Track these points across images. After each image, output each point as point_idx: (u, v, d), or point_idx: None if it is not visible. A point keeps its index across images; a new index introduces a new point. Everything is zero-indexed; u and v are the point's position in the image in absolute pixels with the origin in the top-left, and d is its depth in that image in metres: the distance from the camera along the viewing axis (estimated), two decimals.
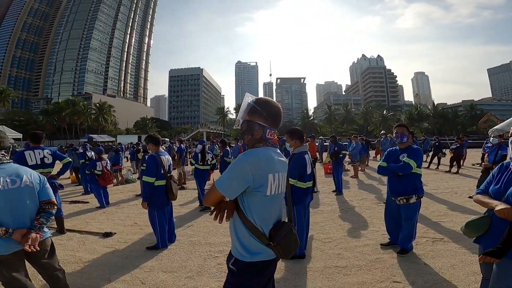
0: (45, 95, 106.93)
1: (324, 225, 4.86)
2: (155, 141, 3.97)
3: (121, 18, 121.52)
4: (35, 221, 2.08)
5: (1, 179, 1.98)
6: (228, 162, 8.21)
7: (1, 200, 1.96)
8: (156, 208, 3.80)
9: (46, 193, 2.20)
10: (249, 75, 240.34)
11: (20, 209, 2.04)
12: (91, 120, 61.57)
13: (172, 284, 2.91)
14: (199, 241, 4.13)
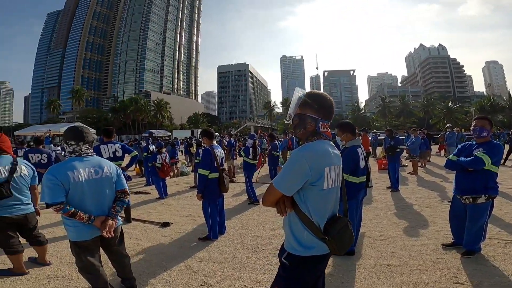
0: (113, 94, 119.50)
1: (377, 223, 4.62)
2: (209, 135, 4.14)
3: (171, 18, 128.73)
4: (112, 209, 2.31)
5: (86, 170, 2.22)
6: (276, 156, 8.23)
7: (87, 189, 2.20)
8: (209, 200, 3.96)
9: (121, 183, 2.43)
10: (295, 69, 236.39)
11: (101, 198, 2.28)
12: (151, 116, 67.23)
13: (220, 274, 3.02)
14: (247, 234, 4.23)
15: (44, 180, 2.10)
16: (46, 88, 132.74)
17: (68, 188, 2.12)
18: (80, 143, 2.26)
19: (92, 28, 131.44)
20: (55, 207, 2.05)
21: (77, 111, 71.91)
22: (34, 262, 3.18)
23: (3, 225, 2.79)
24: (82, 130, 2.32)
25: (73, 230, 2.19)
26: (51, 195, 2.06)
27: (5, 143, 2.94)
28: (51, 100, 74.87)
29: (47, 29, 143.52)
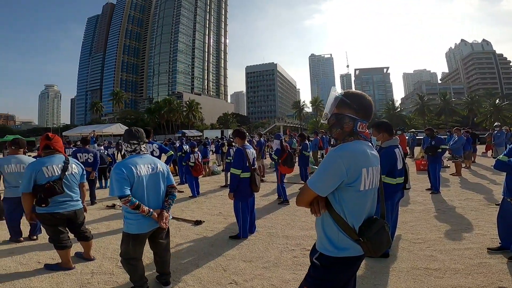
0: (148, 96, 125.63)
1: (415, 225, 4.42)
2: (241, 135, 4.21)
3: (199, 20, 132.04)
4: (165, 202, 2.53)
5: (145, 166, 2.44)
6: (307, 156, 8.13)
7: (147, 183, 2.40)
8: (240, 199, 4.02)
9: (170, 179, 2.65)
10: (324, 68, 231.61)
11: (157, 192, 2.49)
12: (183, 116, 69.74)
13: (250, 273, 3.05)
14: (276, 233, 4.23)
15: (113, 174, 2.31)
16: (89, 91, 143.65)
17: (133, 182, 2.33)
18: (140, 142, 2.50)
19: (128, 32, 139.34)
20: (124, 199, 2.25)
21: (117, 112, 76.80)
22: (80, 257, 3.38)
23: (55, 221, 2.98)
24: (141, 131, 2.56)
25: (134, 223, 2.37)
26: (119, 188, 2.26)
27: (58, 143, 3.15)
28: (94, 102, 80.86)
29: (88, 34, 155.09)
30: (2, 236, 4.15)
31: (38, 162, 2.99)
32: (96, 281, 2.83)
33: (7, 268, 3.08)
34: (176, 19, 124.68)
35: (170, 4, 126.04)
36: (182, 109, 70.64)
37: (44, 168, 2.93)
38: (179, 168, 9.70)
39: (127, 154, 2.57)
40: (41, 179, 2.89)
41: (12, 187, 3.83)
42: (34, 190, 2.86)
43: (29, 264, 3.20)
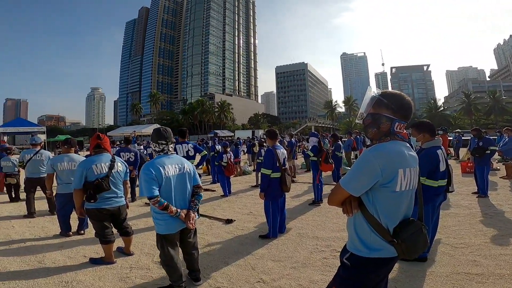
0: (182, 97, 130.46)
1: (457, 229, 4.17)
2: (272, 135, 4.24)
3: (228, 21, 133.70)
4: (191, 203, 2.57)
5: (173, 166, 2.49)
6: (340, 157, 7.93)
7: (174, 184, 2.44)
8: (270, 199, 4.04)
9: (196, 179, 2.68)
10: (357, 66, 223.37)
11: (184, 192, 2.54)
12: (215, 117, 71.51)
13: (278, 272, 3.04)
14: (306, 234, 4.20)
15: (142, 175, 2.39)
16: (130, 93, 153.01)
17: (161, 183, 2.39)
18: (168, 142, 2.56)
19: (162, 35, 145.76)
20: (153, 200, 2.32)
21: (154, 113, 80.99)
22: (121, 251, 3.52)
23: (101, 216, 3.15)
24: (169, 131, 2.61)
25: (162, 224, 2.44)
26: (148, 189, 2.31)
27: (106, 142, 3.36)
28: (133, 104, 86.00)
29: (127, 38, 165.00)
30: (53, 230, 4.49)
31: (88, 160, 3.20)
32: (134, 276, 2.97)
33: (56, 261, 3.31)
34: (206, 21, 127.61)
35: (200, 7, 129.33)
36: (214, 110, 72.41)
37: (94, 166, 3.13)
38: (211, 167, 9.91)
39: (155, 154, 2.62)
40: (91, 176, 3.10)
41: (64, 184, 4.15)
42: (84, 187, 3.06)
43: (76, 258, 3.42)
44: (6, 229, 4.51)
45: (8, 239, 4.01)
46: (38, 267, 3.14)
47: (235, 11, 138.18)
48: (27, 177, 5.30)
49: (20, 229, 4.51)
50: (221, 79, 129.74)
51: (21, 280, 2.80)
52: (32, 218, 5.11)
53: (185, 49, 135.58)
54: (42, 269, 3.08)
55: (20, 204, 6.26)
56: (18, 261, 3.25)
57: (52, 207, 5.32)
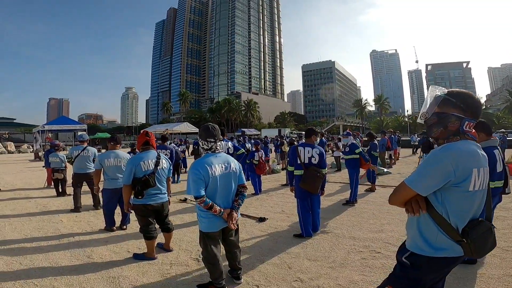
0: (210, 96, 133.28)
1: (508, 233, 4.00)
2: (310, 133, 4.22)
3: (253, 21, 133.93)
4: (235, 202, 2.53)
5: (219, 165, 2.46)
6: (376, 156, 7.65)
7: (219, 183, 2.43)
8: (300, 198, 4.04)
9: (242, 178, 2.64)
10: (389, 64, 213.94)
11: (228, 191, 2.51)
12: (242, 116, 72.17)
13: (315, 272, 3.01)
14: (342, 234, 4.14)
15: (190, 174, 2.40)
16: (160, 92, 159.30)
17: (207, 182, 2.39)
18: (217, 140, 2.54)
19: (190, 35, 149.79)
20: (199, 199, 2.33)
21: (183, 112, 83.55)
22: (161, 247, 3.57)
23: (146, 212, 3.22)
24: (217, 129, 2.57)
25: (206, 222, 2.45)
26: (196, 189, 2.31)
27: (153, 139, 3.43)
28: (164, 103, 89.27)
29: (157, 39, 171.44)
30: (98, 225, 4.67)
31: (137, 157, 3.28)
32: (174, 272, 3.05)
33: (103, 256, 3.44)
34: (231, 21, 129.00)
35: (225, 7, 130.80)
36: (240, 109, 73.09)
37: (142, 163, 3.21)
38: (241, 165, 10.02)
39: (202, 152, 2.56)
40: (139, 172, 3.18)
41: (110, 179, 4.34)
42: (132, 183, 3.16)
43: (120, 253, 3.53)
44: (56, 223, 4.83)
45: (58, 233, 4.29)
46: (87, 262, 3.30)
47: (259, 10, 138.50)
48: (74, 172, 5.64)
49: (68, 223, 4.82)
50: (247, 77, 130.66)
51: (72, 275, 2.94)
52: (78, 212, 5.43)
53: (211, 48, 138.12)
54: (91, 264, 3.23)
55: (66, 198, 6.71)
56: (68, 256, 3.44)
57: (96, 202, 5.66)
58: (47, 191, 7.65)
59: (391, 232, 4.17)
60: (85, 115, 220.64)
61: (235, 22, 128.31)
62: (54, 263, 3.27)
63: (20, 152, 27.99)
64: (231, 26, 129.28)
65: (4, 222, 4.89)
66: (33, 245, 3.80)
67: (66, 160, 6.26)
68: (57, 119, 23.49)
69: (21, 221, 4.95)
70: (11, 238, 4.07)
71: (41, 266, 3.18)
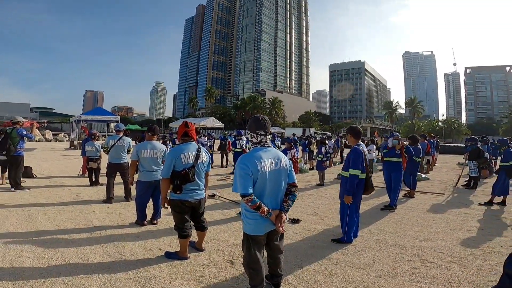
0: (235, 93, 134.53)
1: None
2: (355, 133, 3.85)
3: (280, 19, 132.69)
4: (284, 203, 2.25)
5: (269, 161, 2.19)
6: (418, 162, 7.06)
7: (268, 181, 2.17)
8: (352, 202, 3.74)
9: (293, 176, 2.35)
10: (423, 66, 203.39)
11: (277, 190, 2.23)
12: (266, 113, 71.87)
13: (361, 280, 2.81)
14: (386, 241, 3.89)
15: (237, 169, 2.15)
16: (187, 87, 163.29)
17: (256, 179, 2.12)
18: (267, 133, 2.28)
19: (217, 32, 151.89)
20: (246, 198, 2.08)
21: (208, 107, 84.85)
22: (193, 247, 3.38)
23: (183, 208, 3.02)
24: (268, 121, 2.32)
25: (252, 223, 2.20)
26: (244, 185, 2.07)
27: (193, 130, 3.16)
28: (191, 98, 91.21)
29: (186, 35, 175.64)
30: (129, 217, 4.60)
31: (177, 149, 3.05)
32: (208, 274, 2.88)
33: (134, 253, 3.30)
34: (258, 18, 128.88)
35: (252, 4, 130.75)
36: (265, 106, 72.87)
37: (182, 155, 2.99)
38: None
39: (250, 146, 2.36)
40: (179, 165, 2.97)
41: (146, 171, 4.18)
42: (171, 176, 2.97)
43: (152, 250, 3.39)
44: (88, 214, 4.83)
45: (90, 225, 4.25)
46: (118, 259, 3.18)
47: (286, 8, 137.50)
48: (109, 162, 5.63)
49: (100, 214, 4.81)
50: (272, 76, 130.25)
51: (104, 274, 2.83)
52: (110, 203, 5.44)
53: (238, 46, 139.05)
54: (122, 262, 3.10)
55: (98, 188, 6.82)
56: (100, 252, 3.33)
57: (128, 194, 5.65)
58: (81, 180, 7.86)
59: (442, 241, 3.90)
60: (117, 107, 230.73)
61: (262, 20, 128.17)
62: (86, 258, 3.18)
63: (57, 140, 29.67)
64: (258, 24, 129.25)
65: (38, 210, 4.95)
66: (65, 237, 3.76)
67: (102, 149, 6.30)
68: (93, 110, 24.57)
69: (55, 210, 5.00)
70: (44, 229, 4.05)
71: (72, 262, 3.09)
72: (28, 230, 3.99)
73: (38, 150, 17.36)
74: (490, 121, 76.52)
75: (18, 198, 5.71)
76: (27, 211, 4.85)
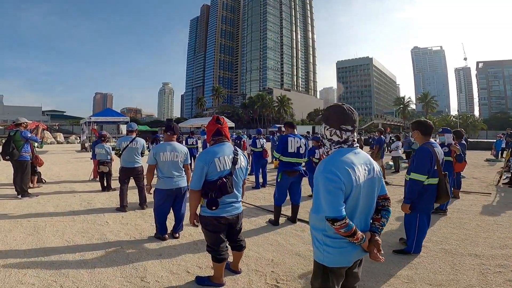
0: (242, 92, 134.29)
1: None
2: (425, 128, 3.17)
3: (285, 17, 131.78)
4: (375, 222, 1.60)
5: (361, 167, 1.54)
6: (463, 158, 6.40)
7: (361, 195, 1.52)
8: (419, 211, 3.13)
9: (384, 186, 1.68)
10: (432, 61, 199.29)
11: (370, 206, 1.60)
12: (275, 112, 71.24)
13: None
14: (456, 251, 3.41)
15: (322, 180, 1.47)
16: (194, 87, 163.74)
17: (348, 194, 1.47)
18: (356, 128, 1.62)
19: (222, 31, 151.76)
20: (339, 223, 1.42)
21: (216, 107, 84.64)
22: (227, 269, 2.80)
23: (219, 227, 2.41)
24: (355, 112, 1.66)
25: (335, 253, 1.54)
26: (334, 205, 1.41)
27: (226, 128, 2.52)
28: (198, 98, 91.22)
29: (192, 35, 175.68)
30: (146, 229, 4.03)
31: (209, 152, 2.38)
32: None
33: (159, 279, 2.72)
34: (263, 17, 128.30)
35: (257, 3, 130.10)
36: (273, 104, 72.29)
37: (217, 160, 2.33)
38: None
39: (331, 147, 1.61)
40: (213, 173, 2.32)
41: (165, 178, 3.58)
42: (202, 188, 2.34)
43: (179, 274, 2.82)
44: (101, 225, 4.27)
45: (104, 240, 3.68)
46: (141, 287, 2.60)
47: (291, 6, 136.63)
48: (122, 166, 5.03)
49: (114, 226, 4.23)
50: (279, 74, 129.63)
51: None
52: (124, 212, 4.88)
53: (243, 44, 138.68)
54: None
55: (111, 194, 6.29)
56: (118, 277, 2.74)
57: (143, 201, 5.09)
58: (92, 184, 7.37)
59: None
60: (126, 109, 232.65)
61: (267, 18, 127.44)
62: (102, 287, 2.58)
63: (68, 142, 29.69)
64: (263, 22, 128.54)
65: (45, 221, 4.40)
66: (76, 257, 3.17)
67: (114, 152, 5.71)
68: (103, 111, 24.32)
69: (64, 221, 4.45)
70: (52, 245, 3.48)
71: None
72: (33, 246, 3.44)
73: (50, 153, 17.12)
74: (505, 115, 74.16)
75: (24, 207, 5.22)
76: (33, 223, 4.32)
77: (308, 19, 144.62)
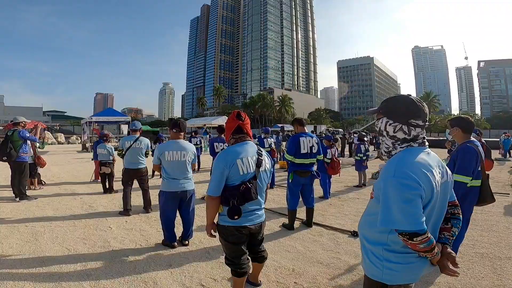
0: (242, 91, 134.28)
1: None
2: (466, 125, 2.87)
3: (285, 16, 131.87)
4: (445, 232, 1.34)
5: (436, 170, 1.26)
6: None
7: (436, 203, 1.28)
8: None
9: (453, 192, 1.44)
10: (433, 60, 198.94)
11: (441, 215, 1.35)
12: (276, 111, 71.01)
13: None
14: (493, 254, 3.24)
15: (395, 186, 1.18)
16: (195, 87, 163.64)
17: (427, 202, 1.20)
18: (426, 123, 1.33)
19: (223, 31, 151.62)
20: (421, 237, 1.15)
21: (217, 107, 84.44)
22: (246, 281, 2.48)
23: (240, 238, 2.10)
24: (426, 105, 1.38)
25: (400, 269, 1.28)
26: (415, 217, 1.14)
27: (247, 124, 2.19)
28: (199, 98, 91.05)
29: (192, 35, 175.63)
30: (152, 235, 3.77)
31: (230, 153, 2.05)
32: None
33: None
34: (263, 16, 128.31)
35: (257, 2, 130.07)
36: (274, 104, 72.11)
37: (239, 162, 2.01)
38: None
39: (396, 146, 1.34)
40: (234, 177, 2.00)
41: (170, 179, 3.30)
42: (222, 194, 2.03)
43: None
44: (104, 231, 3.98)
45: (108, 248, 3.37)
46: None
47: (291, 6, 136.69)
48: (125, 167, 4.75)
49: (118, 232, 3.95)
50: (280, 73, 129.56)
51: None
52: (128, 216, 4.60)
53: (244, 44, 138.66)
54: None
55: (113, 196, 6.03)
56: None
57: (147, 204, 4.82)
58: (94, 186, 7.08)
59: None
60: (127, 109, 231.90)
61: (267, 18, 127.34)
62: None
63: (69, 143, 29.42)
64: (263, 22, 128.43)
65: (44, 227, 4.11)
66: (78, 268, 2.87)
67: (116, 152, 5.42)
68: (104, 111, 24.07)
69: (64, 226, 4.16)
70: (51, 254, 3.19)
71: None
72: (31, 255, 3.16)
73: (50, 153, 16.83)
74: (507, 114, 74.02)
75: (22, 210, 4.93)
76: (31, 228, 4.04)
77: (309, 18, 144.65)
